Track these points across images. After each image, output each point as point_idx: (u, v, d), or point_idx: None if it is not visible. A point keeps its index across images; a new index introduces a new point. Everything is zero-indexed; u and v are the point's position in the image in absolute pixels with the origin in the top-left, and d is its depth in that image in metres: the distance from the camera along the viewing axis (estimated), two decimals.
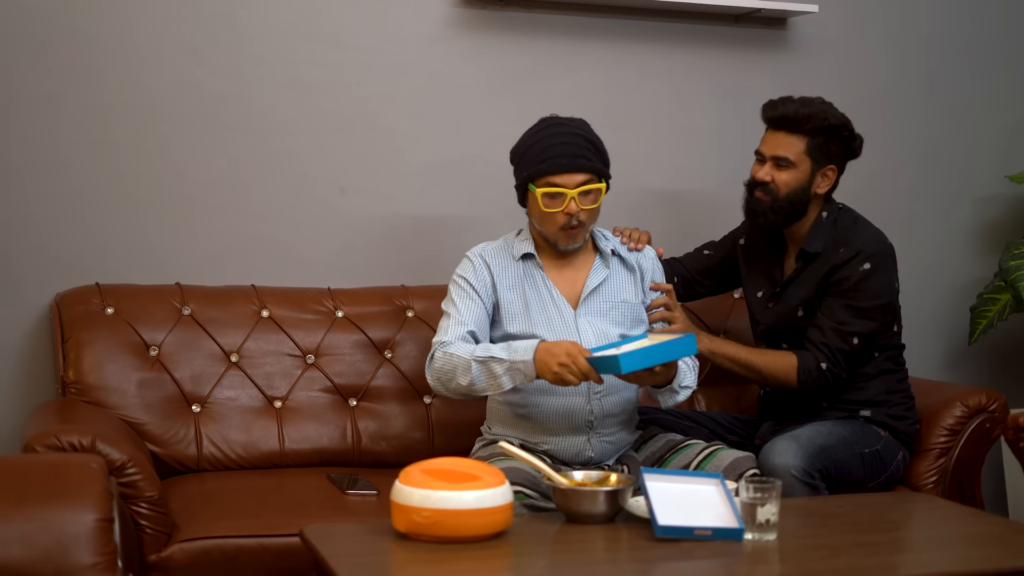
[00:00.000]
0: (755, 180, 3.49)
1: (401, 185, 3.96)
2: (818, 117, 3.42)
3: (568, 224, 3.21)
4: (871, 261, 3.40)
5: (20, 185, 3.60)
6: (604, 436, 3.25)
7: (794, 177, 3.45)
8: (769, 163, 3.47)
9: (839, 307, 3.40)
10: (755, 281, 3.64)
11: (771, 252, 3.61)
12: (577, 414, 3.21)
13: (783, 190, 3.44)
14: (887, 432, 3.46)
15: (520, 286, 3.29)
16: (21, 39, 3.59)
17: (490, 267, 3.29)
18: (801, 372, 3.40)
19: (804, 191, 3.45)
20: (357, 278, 3.86)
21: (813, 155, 3.44)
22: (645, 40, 4.18)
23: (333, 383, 3.66)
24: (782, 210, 3.46)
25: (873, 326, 3.41)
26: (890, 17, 4.43)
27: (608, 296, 3.32)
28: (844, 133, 3.46)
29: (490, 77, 4.03)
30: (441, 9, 3.96)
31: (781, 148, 3.45)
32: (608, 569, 2.42)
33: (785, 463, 3.17)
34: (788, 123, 3.45)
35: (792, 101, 3.46)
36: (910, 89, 4.46)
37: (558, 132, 3.24)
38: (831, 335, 3.39)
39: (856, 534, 2.72)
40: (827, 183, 3.48)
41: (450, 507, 2.52)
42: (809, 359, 3.40)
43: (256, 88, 3.79)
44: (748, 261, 3.67)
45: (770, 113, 3.50)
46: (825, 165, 3.46)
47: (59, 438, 2.89)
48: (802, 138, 3.44)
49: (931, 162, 4.51)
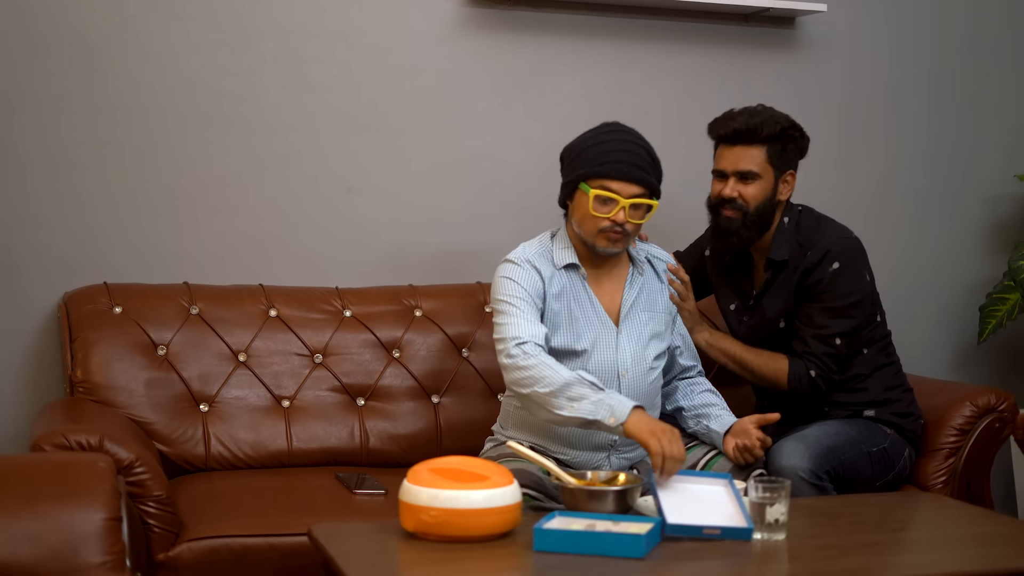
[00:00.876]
0: (721, 198, 3.46)
1: (409, 184, 3.95)
2: (770, 123, 3.41)
3: (611, 229, 3.15)
4: (839, 259, 3.39)
5: (26, 184, 3.61)
6: (624, 454, 3.24)
7: (760, 189, 3.43)
8: (732, 179, 3.45)
9: (816, 312, 3.40)
10: (726, 294, 3.64)
11: (738, 264, 3.60)
12: (602, 433, 3.17)
13: (752, 204, 3.43)
14: (893, 430, 3.45)
15: (566, 297, 3.22)
16: (27, 38, 3.59)
17: (541, 274, 3.19)
18: (792, 378, 3.41)
19: (770, 202, 3.44)
20: (365, 277, 3.86)
21: (774, 163, 3.43)
22: (653, 39, 4.17)
23: (341, 382, 3.66)
24: (754, 224, 3.44)
25: (852, 323, 3.40)
26: (898, 16, 4.42)
27: (645, 307, 3.30)
28: (795, 134, 3.46)
29: (497, 76, 4.03)
30: (448, 8, 3.96)
31: (743, 162, 3.44)
32: (617, 568, 2.41)
33: (793, 465, 3.16)
34: (743, 136, 3.43)
35: (739, 113, 3.45)
36: (918, 88, 4.45)
37: (622, 139, 3.20)
38: (813, 342, 3.39)
39: (865, 534, 2.72)
40: (788, 189, 3.48)
41: (458, 506, 2.52)
42: (800, 366, 3.41)
43: (263, 87, 3.79)
44: (716, 273, 3.67)
45: (722, 130, 3.47)
46: (785, 171, 3.46)
47: (67, 437, 2.89)
48: (761, 147, 3.42)
49: (940, 161, 4.50)
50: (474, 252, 3.96)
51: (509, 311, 3.13)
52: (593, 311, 3.23)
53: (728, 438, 3.17)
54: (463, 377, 3.73)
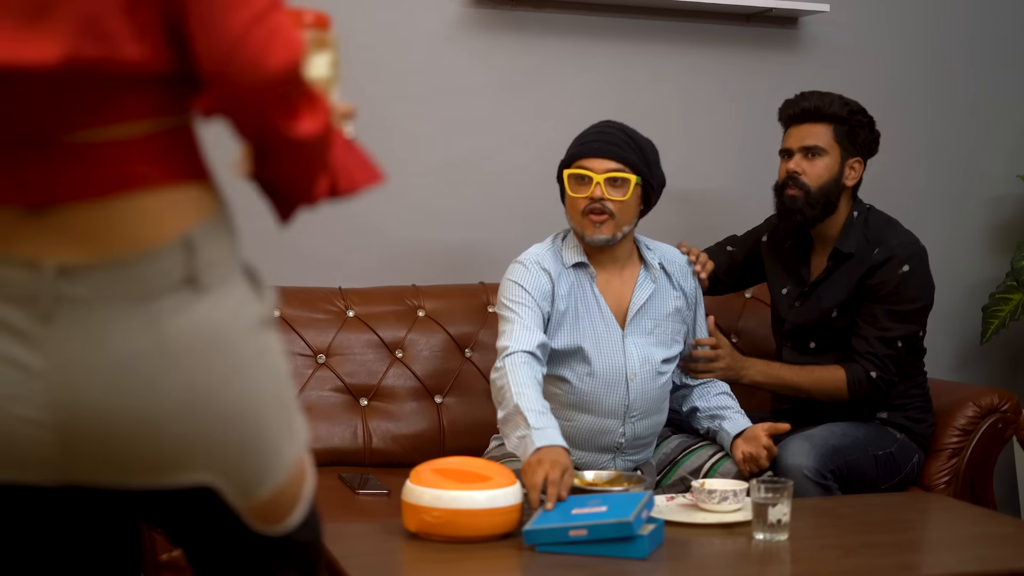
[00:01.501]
0: (786, 176, 3.45)
1: (412, 185, 3.95)
2: (838, 102, 3.42)
3: (590, 209, 3.11)
4: (909, 263, 3.38)
5: None
6: (629, 455, 3.24)
7: (825, 166, 3.42)
8: (798, 155, 3.44)
9: (881, 313, 3.37)
10: (780, 279, 3.61)
11: (797, 250, 3.58)
12: (609, 435, 3.18)
13: (815, 183, 3.42)
14: (903, 434, 3.44)
15: (572, 296, 3.19)
16: None
17: (550, 274, 3.16)
18: (851, 384, 3.37)
19: (836, 183, 3.43)
20: (368, 278, 3.86)
21: (841, 142, 3.43)
22: (656, 40, 4.17)
23: (344, 383, 3.66)
24: (817, 203, 3.42)
25: (914, 329, 3.40)
26: (901, 16, 4.42)
27: (654, 313, 3.24)
28: (864, 120, 3.45)
29: (501, 76, 4.03)
30: (451, 9, 3.96)
31: (809, 137, 3.43)
32: (617, 568, 2.41)
33: (798, 463, 3.16)
34: (810, 114, 3.43)
35: (811, 94, 3.47)
36: (922, 88, 4.45)
37: (599, 127, 3.23)
38: (876, 344, 3.37)
39: (868, 534, 2.72)
40: (855, 175, 3.46)
41: (461, 507, 2.52)
42: (858, 371, 3.37)
43: None
44: (772, 258, 3.64)
45: (791, 110, 3.49)
46: (852, 155, 3.44)
47: None
48: (828, 125, 3.42)
49: (943, 161, 4.49)
50: (477, 252, 3.96)
51: (508, 317, 3.09)
52: (599, 312, 3.19)
53: (738, 442, 3.16)
54: (466, 377, 3.72)
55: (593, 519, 2.47)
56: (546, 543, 2.49)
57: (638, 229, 3.30)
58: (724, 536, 2.66)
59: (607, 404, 3.16)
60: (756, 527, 2.59)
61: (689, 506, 2.81)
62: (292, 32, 1.47)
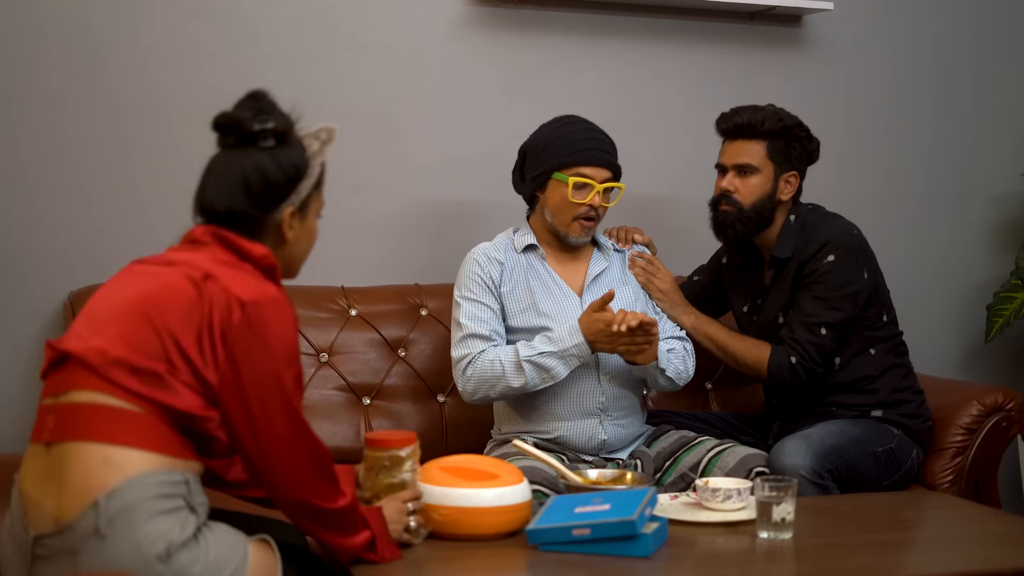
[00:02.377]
0: (719, 193, 3.48)
1: (414, 183, 3.95)
2: (772, 119, 3.44)
3: (586, 215, 3.27)
4: (835, 252, 3.38)
5: (31, 183, 3.61)
6: (616, 419, 3.28)
7: (758, 183, 3.44)
8: (731, 172, 3.47)
9: (805, 299, 3.39)
10: (739, 297, 3.64)
11: (749, 265, 3.61)
12: (588, 396, 3.26)
13: (747, 200, 3.44)
14: (900, 431, 3.44)
15: (524, 278, 3.33)
16: (31, 37, 3.59)
17: (498, 260, 3.34)
18: (772, 364, 3.38)
19: (769, 199, 3.45)
20: (371, 277, 3.85)
21: (774, 158, 3.44)
22: (659, 37, 4.17)
23: (347, 381, 3.65)
24: (749, 220, 3.45)
25: (840, 316, 3.37)
26: (905, 15, 4.41)
27: (611, 283, 3.37)
28: (800, 133, 3.47)
29: (504, 75, 4.03)
30: (455, 7, 3.95)
31: (741, 155, 3.45)
32: (623, 567, 2.41)
33: (795, 463, 3.15)
34: (744, 130, 3.45)
35: (744, 109, 3.48)
36: (925, 87, 4.44)
37: (584, 128, 3.32)
38: (798, 329, 3.37)
39: (871, 533, 2.71)
40: (790, 189, 3.48)
41: (469, 504, 2.52)
42: (780, 353, 3.38)
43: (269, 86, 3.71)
44: (731, 279, 3.67)
45: (724, 124, 3.50)
46: (787, 170, 3.46)
47: None
48: (761, 142, 3.44)
49: (946, 160, 4.49)
50: None
51: (458, 331, 3.27)
52: (554, 284, 3.34)
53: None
54: None
55: (596, 518, 2.47)
56: (549, 542, 2.49)
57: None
58: (728, 535, 2.65)
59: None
60: (760, 526, 2.59)
61: (693, 504, 2.81)
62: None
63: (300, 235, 2.38)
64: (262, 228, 2.33)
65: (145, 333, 2.16)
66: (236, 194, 2.30)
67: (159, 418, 2.14)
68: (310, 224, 2.41)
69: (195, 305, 2.18)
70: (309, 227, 2.41)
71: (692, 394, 3.91)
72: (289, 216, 2.35)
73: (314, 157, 2.39)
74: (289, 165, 2.33)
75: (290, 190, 2.33)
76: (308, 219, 2.39)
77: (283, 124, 2.33)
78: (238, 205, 2.30)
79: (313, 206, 2.40)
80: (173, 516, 2.11)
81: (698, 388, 3.92)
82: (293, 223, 2.35)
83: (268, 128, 2.31)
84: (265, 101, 2.36)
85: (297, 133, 2.38)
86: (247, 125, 2.31)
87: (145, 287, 2.24)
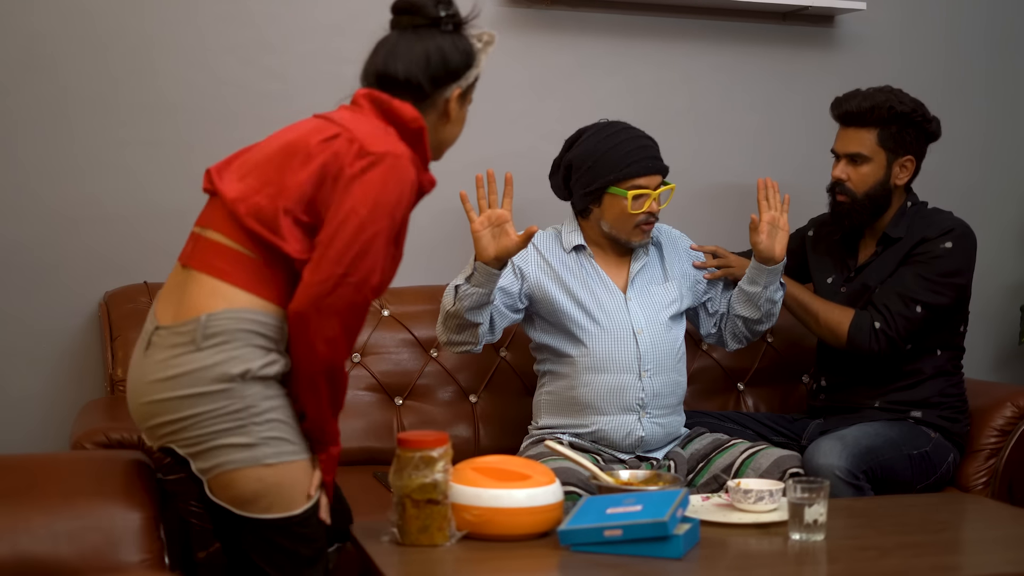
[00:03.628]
0: (833, 181, 3.47)
1: (447, 183, 3.94)
2: (883, 107, 3.39)
3: (647, 221, 3.31)
4: (954, 241, 3.37)
5: (68, 184, 3.63)
6: (655, 417, 3.29)
7: (870, 171, 3.42)
8: (843, 161, 3.45)
9: (909, 274, 3.37)
10: (824, 268, 3.61)
11: (845, 242, 3.58)
12: (628, 391, 3.27)
13: (860, 188, 3.42)
14: (938, 433, 3.42)
15: (574, 271, 3.36)
16: (68, 40, 3.62)
17: (538, 248, 3.40)
18: (853, 327, 3.36)
19: (883, 185, 3.42)
20: (403, 277, 3.84)
21: (887, 145, 3.41)
22: (691, 38, 4.16)
23: (379, 381, 3.67)
24: (864, 209, 3.43)
25: (942, 300, 3.36)
26: (938, 13, 4.39)
27: (652, 278, 3.41)
28: (916, 118, 3.42)
29: (536, 75, 4.03)
30: (487, 8, 3.96)
31: (852, 144, 3.43)
32: (652, 568, 2.41)
33: (829, 463, 3.15)
34: (854, 118, 3.42)
35: (856, 95, 3.44)
36: (959, 86, 4.42)
37: (631, 137, 3.34)
38: (892, 298, 3.35)
39: (905, 535, 2.70)
40: (906, 174, 3.45)
41: (501, 505, 2.53)
42: (864, 317, 3.37)
43: (303, 87, 3.80)
44: (817, 251, 3.65)
45: (836, 111, 3.48)
46: (902, 155, 3.43)
47: (108, 435, 2.91)
48: (872, 130, 3.41)
49: (980, 160, 4.46)
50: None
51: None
52: (600, 281, 3.37)
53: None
54: (500, 376, 3.73)
55: (628, 519, 2.47)
56: (581, 543, 2.49)
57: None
58: (760, 536, 2.65)
59: (620, 359, 3.28)
60: (792, 527, 2.58)
61: (725, 506, 2.81)
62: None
63: (459, 118, 2.68)
64: (431, 102, 2.61)
65: (275, 184, 2.43)
66: (418, 66, 2.58)
67: (271, 264, 2.42)
68: (464, 112, 2.69)
69: (322, 155, 2.43)
70: (463, 114, 2.69)
71: (724, 394, 3.91)
72: (457, 96, 2.63)
73: (479, 52, 2.66)
74: (465, 50, 2.62)
75: (461, 73, 2.62)
76: (466, 106, 2.69)
77: (459, 15, 2.63)
78: (416, 76, 2.58)
79: (470, 96, 2.69)
80: (260, 351, 2.39)
81: (730, 388, 3.92)
82: (458, 103, 2.64)
83: (450, 14, 2.61)
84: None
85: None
86: (430, 11, 2.60)
87: (287, 139, 2.51)
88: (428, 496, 2.49)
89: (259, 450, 2.38)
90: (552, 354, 3.37)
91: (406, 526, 2.51)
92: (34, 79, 3.60)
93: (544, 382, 3.41)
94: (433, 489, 2.49)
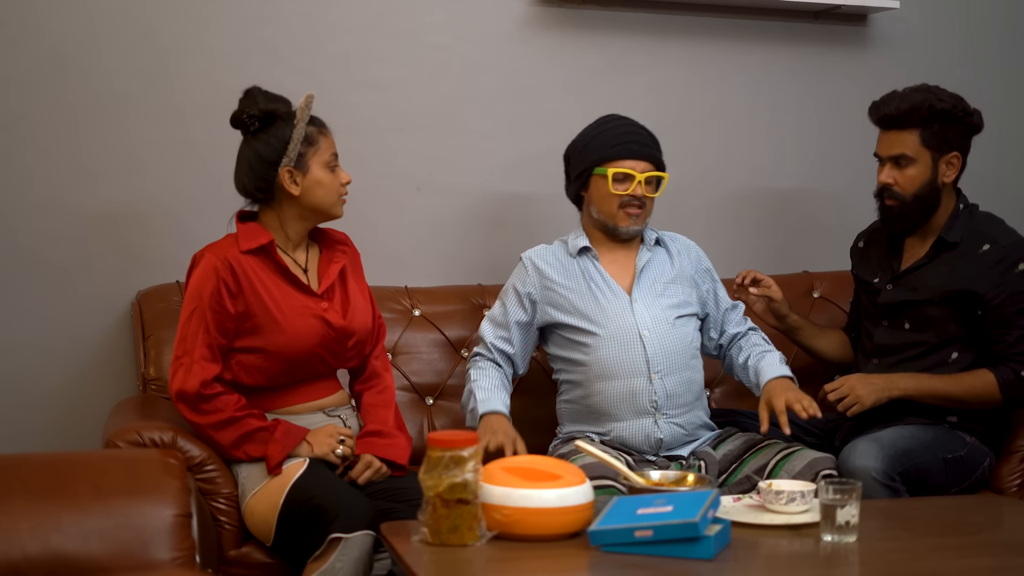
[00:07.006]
0: (880, 187, 3.43)
1: (478, 184, 3.96)
2: (922, 107, 3.35)
3: (629, 203, 3.32)
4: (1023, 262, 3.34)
5: (100, 184, 3.65)
6: (672, 418, 3.28)
7: (917, 173, 3.38)
8: (888, 164, 3.41)
9: (1014, 314, 3.33)
10: (867, 270, 3.58)
11: (889, 243, 3.55)
12: (640, 395, 3.27)
13: (908, 191, 3.38)
14: (974, 437, 3.38)
15: (576, 281, 3.38)
16: (98, 40, 3.63)
17: (539, 267, 3.42)
18: (1003, 386, 3.33)
19: (930, 185, 3.39)
20: (434, 277, 3.87)
21: (930, 144, 3.37)
22: (722, 37, 4.15)
23: (410, 381, 3.67)
24: (915, 211, 3.40)
25: None
26: (971, 12, 4.37)
27: (657, 277, 3.41)
28: (957, 114, 3.38)
29: (567, 75, 4.03)
30: (518, 8, 3.96)
31: (895, 146, 3.39)
32: (683, 569, 2.40)
33: (865, 465, 3.12)
34: (894, 120, 3.38)
35: (893, 97, 3.39)
36: (992, 85, 4.38)
37: (621, 124, 3.41)
38: (1019, 344, 3.33)
39: (938, 537, 2.68)
40: (953, 171, 3.41)
41: (531, 505, 2.52)
42: (1007, 372, 3.34)
43: (334, 87, 3.81)
44: (861, 258, 3.63)
45: (875, 115, 3.44)
46: (946, 152, 3.39)
47: (140, 434, 2.92)
48: (913, 131, 3.37)
49: (1014, 159, 4.43)
50: None
51: (495, 308, 3.49)
52: (605, 284, 3.38)
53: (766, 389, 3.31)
54: (531, 376, 3.72)
55: (659, 519, 2.46)
56: (611, 543, 2.48)
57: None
58: (791, 537, 2.64)
59: (627, 364, 3.28)
60: (824, 529, 2.57)
61: (756, 507, 2.79)
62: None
63: (309, 185, 3.00)
64: (272, 193, 3.02)
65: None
66: (246, 176, 3.02)
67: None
68: (316, 174, 3.01)
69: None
70: (316, 177, 3.01)
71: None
72: (287, 175, 2.98)
73: (299, 122, 2.96)
74: (274, 138, 2.97)
75: (280, 156, 2.97)
76: (312, 171, 3.01)
77: (266, 108, 2.97)
78: (249, 184, 3.02)
79: (315, 159, 3.00)
80: None
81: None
82: (295, 178, 2.98)
83: (252, 115, 2.97)
84: (251, 94, 3.01)
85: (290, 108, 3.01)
86: (235, 118, 3.00)
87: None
88: (458, 496, 2.49)
89: None
90: (565, 364, 3.40)
91: (436, 526, 2.51)
92: (66, 80, 3.62)
93: (563, 391, 3.43)
94: (463, 489, 2.49)
